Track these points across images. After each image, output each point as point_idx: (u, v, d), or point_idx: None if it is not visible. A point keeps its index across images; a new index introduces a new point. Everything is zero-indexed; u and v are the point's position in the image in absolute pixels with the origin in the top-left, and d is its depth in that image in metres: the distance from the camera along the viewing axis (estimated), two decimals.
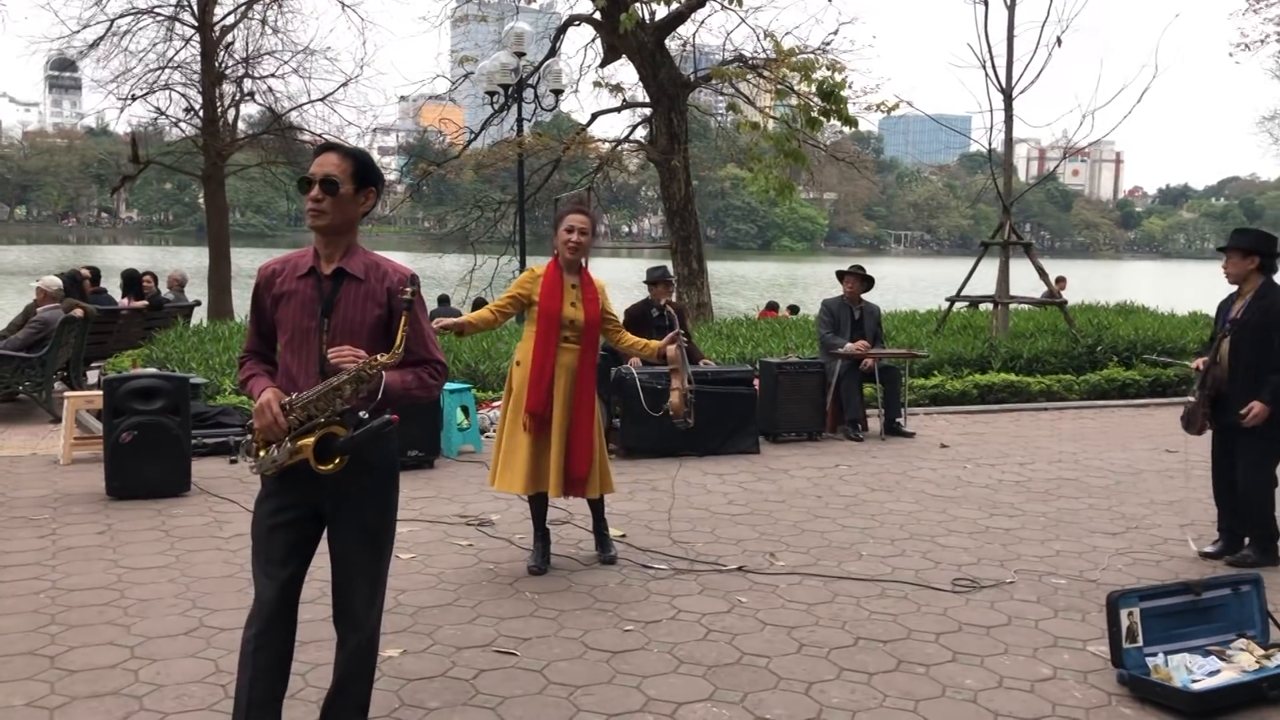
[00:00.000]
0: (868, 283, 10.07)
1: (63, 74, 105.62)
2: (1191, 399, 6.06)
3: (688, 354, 9.18)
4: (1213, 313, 6.42)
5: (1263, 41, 20.72)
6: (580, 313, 5.44)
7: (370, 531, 3.25)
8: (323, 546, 3.29)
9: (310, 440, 3.07)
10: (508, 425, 5.47)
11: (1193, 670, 4.15)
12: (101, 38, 19.11)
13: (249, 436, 3.21)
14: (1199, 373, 6.04)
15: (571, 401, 5.42)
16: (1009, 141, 14.36)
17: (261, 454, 3.16)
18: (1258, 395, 5.73)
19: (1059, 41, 13.89)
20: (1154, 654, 4.21)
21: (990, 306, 14.35)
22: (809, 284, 49.19)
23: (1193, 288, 44.21)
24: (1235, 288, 6.02)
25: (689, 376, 5.92)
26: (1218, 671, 4.15)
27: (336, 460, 3.07)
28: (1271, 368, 5.73)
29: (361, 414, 3.10)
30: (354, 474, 3.13)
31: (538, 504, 5.62)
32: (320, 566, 3.33)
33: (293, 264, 3.27)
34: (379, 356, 3.09)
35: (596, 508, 5.78)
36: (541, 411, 5.34)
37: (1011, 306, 14.36)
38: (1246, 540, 5.99)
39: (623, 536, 6.21)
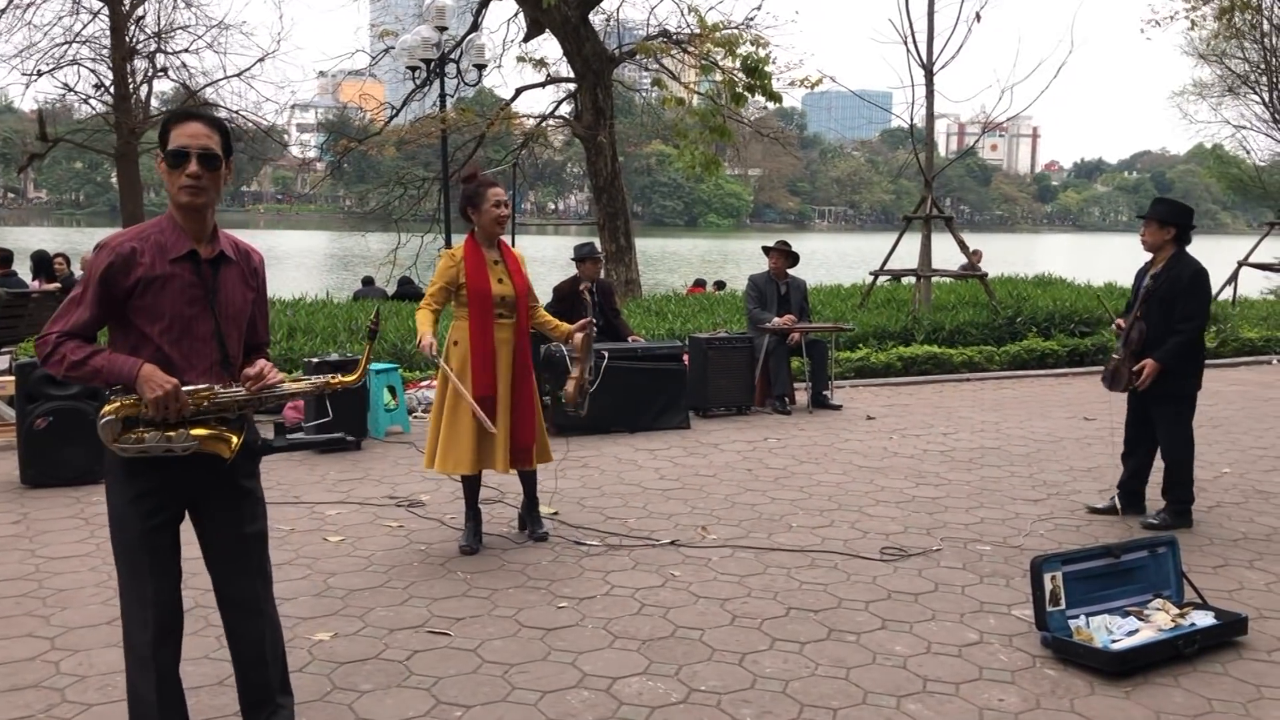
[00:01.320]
0: (793, 258, 10.15)
1: None
2: (1116, 357, 6.22)
3: (617, 331, 9.23)
4: (1126, 283, 6.61)
5: (1172, 18, 21.19)
6: (509, 287, 5.43)
7: (255, 528, 3.20)
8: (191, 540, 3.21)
9: (227, 436, 2.99)
10: (447, 405, 5.39)
11: (1113, 631, 4.28)
12: (3, 10, 18.46)
13: (114, 405, 2.89)
14: (1121, 330, 6.20)
15: (513, 375, 5.43)
16: (930, 117, 14.55)
17: (148, 435, 2.90)
18: (1143, 355, 6.01)
19: (978, 17, 14.08)
20: (1076, 616, 4.32)
21: (913, 280, 14.56)
22: (737, 259, 49.41)
23: (1106, 259, 45.35)
24: (1150, 256, 6.20)
25: (590, 368, 5.89)
26: (1136, 631, 4.28)
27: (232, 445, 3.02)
28: (1170, 330, 5.96)
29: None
30: (232, 466, 3.07)
31: (472, 483, 5.58)
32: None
33: (154, 244, 2.95)
34: (336, 377, 3.27)
35: (529, 484, 5.77)
36: (490, 394, 5.33)
37: (934, 280, 14.59)
38: (1164, 503, 6.18)
39: (555, 514, 6.20)
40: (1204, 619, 4.39)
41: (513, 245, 5.71)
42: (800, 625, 4.54)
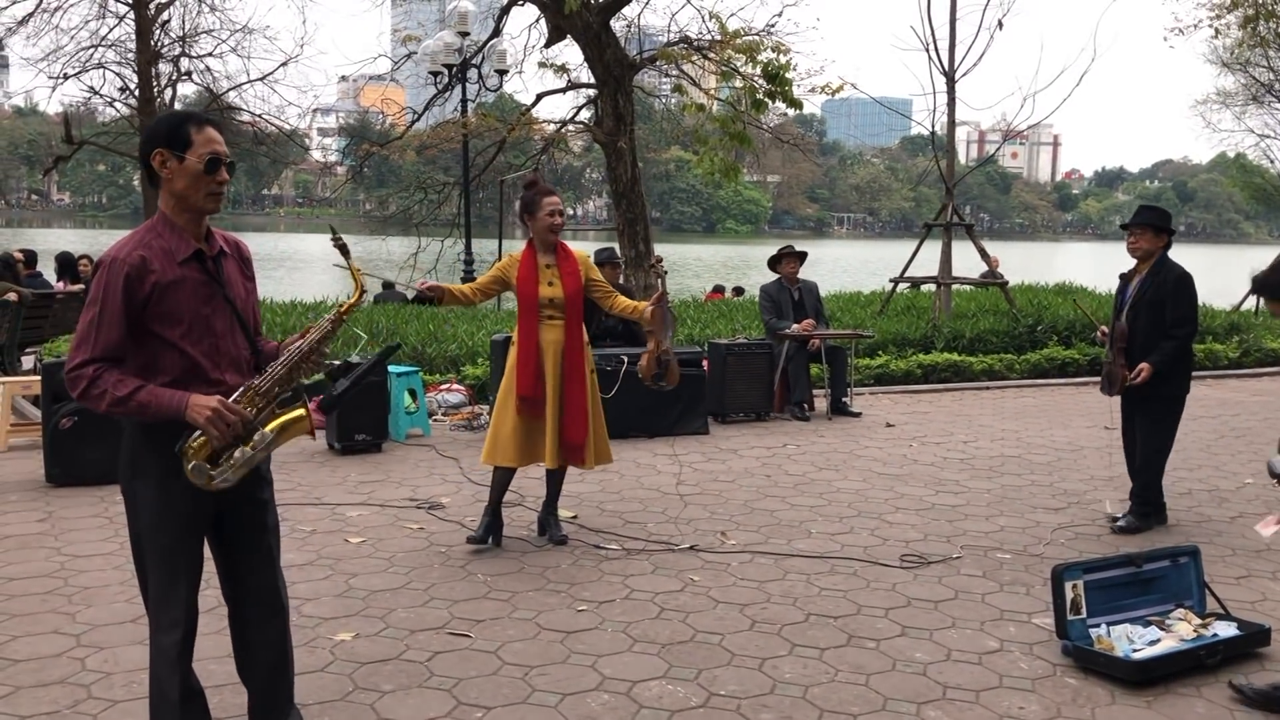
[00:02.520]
0: (802, 258, 10.17)
1: None
2: (1107, 362, 6.24)
3: (635, 336, 9.23)
4: None
5: (1196, 26, 21.14)
6: (559, 289, 5.53)
7: (273, 528, 3.24)
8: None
9: (299, 411, 3.03)
10: (499, 400, 5.60)
11: (1134, 640, 4.26)
12: (31, 14, 18.65)
13: (192, 450, 2.90)
14: (1105, 335, 6.26)
15: (562, 373, 5.53)
16: (951, 124, 14.51)
17: (224, 460, 2.93)
18: (1141, 359, 6.06)
19: (1000, 25, 14.05)
20: (1097, 625, 4.31)
21: (933, 287, 14.52)
22: (758, 265, 49.36)
23: (1128, 268, 45.07)
24: (1131, 263, 6.33)
25: (667, 338, 5.92)
26: (1158, 641, 4.26)
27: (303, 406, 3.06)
28: (1164, 334, 6.03)
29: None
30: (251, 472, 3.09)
31: (503, 479, 5.66)
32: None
33: (158, 249, 2.93)
34: (344, 305, 3.16)
35: (555, 486, 5.81)
36: (533, 394, 5.45)
37: (954, 287, 14.55)
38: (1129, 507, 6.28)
39: (574, 518, 6.21)
40: (1226, 629, 4.37)
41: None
42: (820, 631, 4.54)
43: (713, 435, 8.83)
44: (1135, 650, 4.18)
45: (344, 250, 3.28)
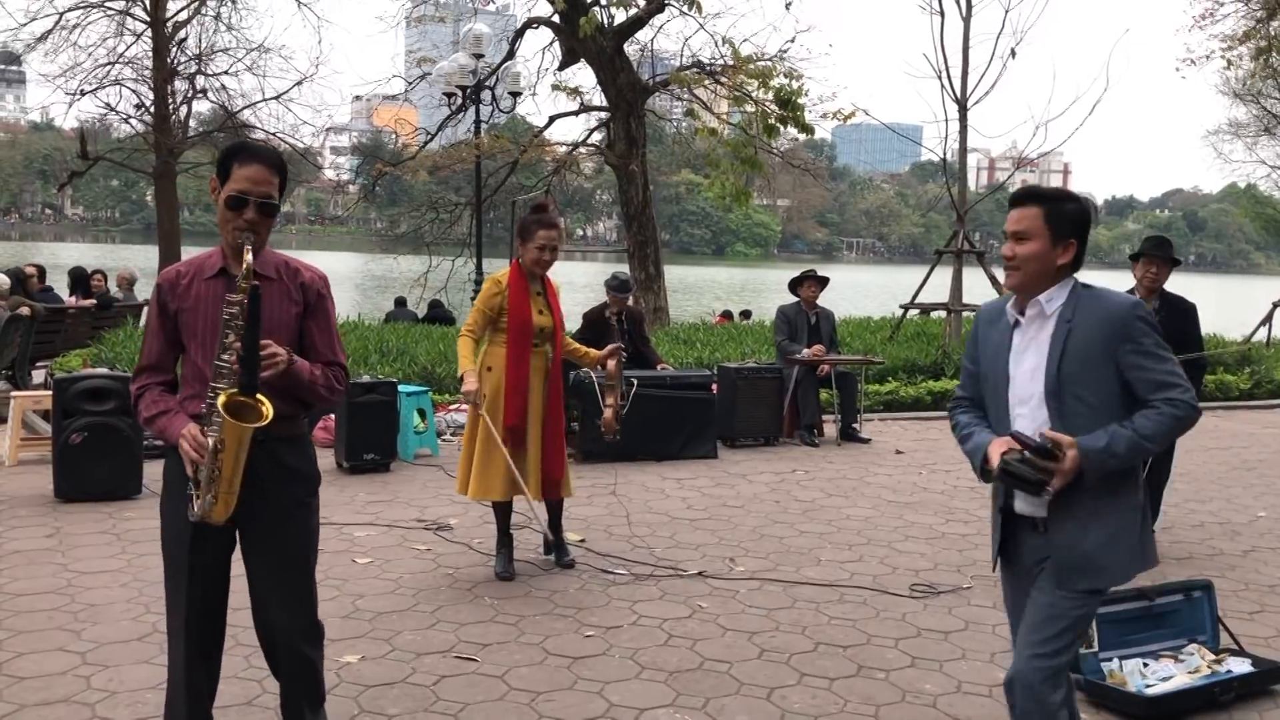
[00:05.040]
0: (824, 283, 10.16)
1: (7, 68, 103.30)
2: None
3: (646, 359, 9.23)
4: None
5: (1208, 57, 21.12)
6: (548, 318, 5.47)
7: (294, 547, 3.22)
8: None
9: (252, 399, 2.93)
10: (481, 432, 5.40)
11: (1147, 675, 4.22)
12: (50, 31, 18.81)
13: (190, 483, 2.97)
14: None
15: (545, 405, 5.46)
16: (963, 151, 14.53)
17: (200, 473, 2.94)
18: None
19: (1013, 53, 14.08)
20: (1109, 659, 4.27)
21: (944, 314, 14.50)
22: (769, 289, 49.36)
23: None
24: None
25: (623, 392, 5.94)
26: (1171, 676, 4.22)
27: (260, 404, 2.94)
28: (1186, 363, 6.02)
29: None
30: (275, 489, 3.10)
31: (504, 510, 5.59)
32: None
33: (198, 266, 3.14)
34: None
35: (555, 512, 5.76)
36: (521, 424, 5.35)
37: (964, 314, 14.52)
38: None
39: (582, 541, 6.19)
40: (1240, 666, 4.32)
41: None
42: (829, 661, 4.51)
43: (721, 459, 8.80)
44: (1148, 686, 4.13)
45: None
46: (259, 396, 2.94)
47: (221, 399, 2.90)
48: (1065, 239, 2.94)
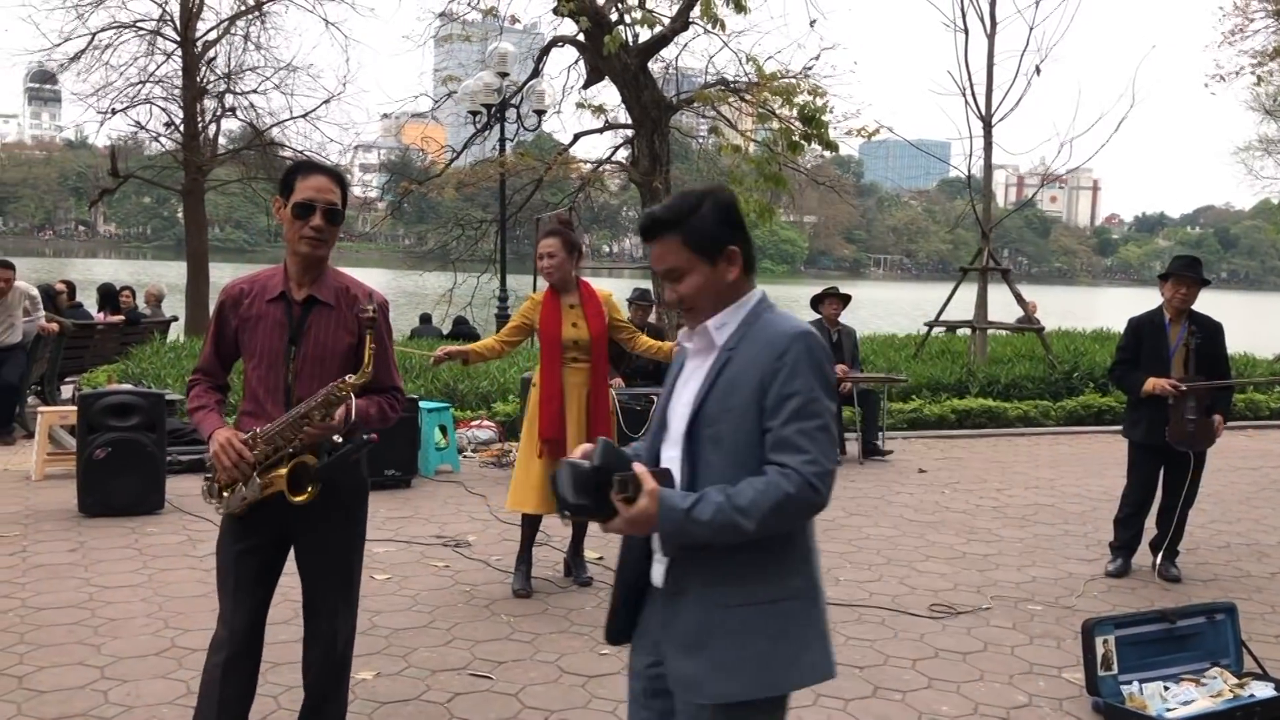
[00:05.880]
0: (846, 300, 10.13)
1: (42, 86, 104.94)
2: (1191, 418, 5.97)
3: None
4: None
5: (1237, 73, 21.00)
6: (584, 330, 5.49)
7: (340, 554, 3.25)
8: (291, 567, 3.27)
9: (283, 471, 3.04)
10: (523, 444, 5.57)
11: (1167, 699, 4.17)
12: (83, 51, 19.05)
13: (209, 477, 3.17)
14: (1173, 389, 5.92)
15: (587, 418, 5.48)
16: (988, 168, 14.49)
17: (226, 494, 3.11)
18: (1213, 410, 6.02)
19: (1038, 70, 14.04)
20: (1129, 682, 4.22)
21: (968, 332, 14.42)
22: (795, 305, 49.28)
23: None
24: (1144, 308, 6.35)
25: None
26: (1192, 700, 4.16)
27: (310, 490, 3.05)
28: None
29: (335, 438, 3.09)
30: (322, 498, 3.12)
31: (532, 525, 5.62)
32: (293, 587, 3.31)
33: (261, 284, 3.20)
34: (348, 378, 3.08)
35: (580, 527, 5.78)
36: (556, 436, 5.39)
37: (990, 332, 14.45)
38: (1160, 556, 6.21)
39: (599, 559, 6.18)
40: (1264, 690, 4.26)
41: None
42: (845, 681, 4.47)
43: None
44: (1169, 710, 4.08)
45: (374, 324, 3.18)
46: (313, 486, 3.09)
47: (288, 466, 3.04)
48: (721, 250, 2.35)
